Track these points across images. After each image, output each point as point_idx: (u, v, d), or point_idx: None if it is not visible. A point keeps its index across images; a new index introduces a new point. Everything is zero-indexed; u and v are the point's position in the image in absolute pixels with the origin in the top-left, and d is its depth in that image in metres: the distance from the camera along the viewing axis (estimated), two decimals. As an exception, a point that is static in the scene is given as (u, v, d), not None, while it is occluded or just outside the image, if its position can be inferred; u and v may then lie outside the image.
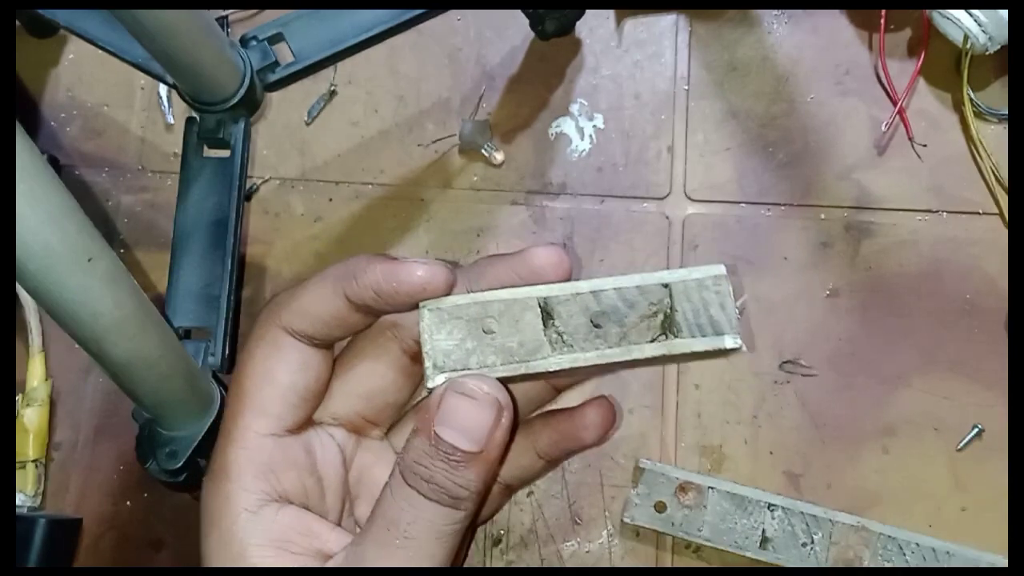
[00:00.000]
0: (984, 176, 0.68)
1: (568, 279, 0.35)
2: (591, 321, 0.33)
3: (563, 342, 0.32)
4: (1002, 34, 0.65)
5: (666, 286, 0.35)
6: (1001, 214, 0.68)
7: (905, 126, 0.70)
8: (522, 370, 0.32)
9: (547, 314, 0.33)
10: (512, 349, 0.31)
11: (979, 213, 0.68)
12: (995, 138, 0.69)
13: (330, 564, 0.29)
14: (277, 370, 0.32)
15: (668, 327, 0.34)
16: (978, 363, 0.65)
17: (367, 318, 0.32)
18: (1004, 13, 0.64)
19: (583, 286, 0.34)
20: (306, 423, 0.33)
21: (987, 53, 0.66)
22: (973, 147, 0.68)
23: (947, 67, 0.70)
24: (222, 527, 0.30)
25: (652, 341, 0.33)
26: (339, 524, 0.32)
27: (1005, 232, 0.67)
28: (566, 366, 0.33)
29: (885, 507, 0.63)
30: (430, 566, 0.29)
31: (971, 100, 0.68)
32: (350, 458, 0.34)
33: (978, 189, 0.69)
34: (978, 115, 0.69)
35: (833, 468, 0.64)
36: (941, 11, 0.66)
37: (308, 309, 0.32)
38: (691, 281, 0.36)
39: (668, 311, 0.34)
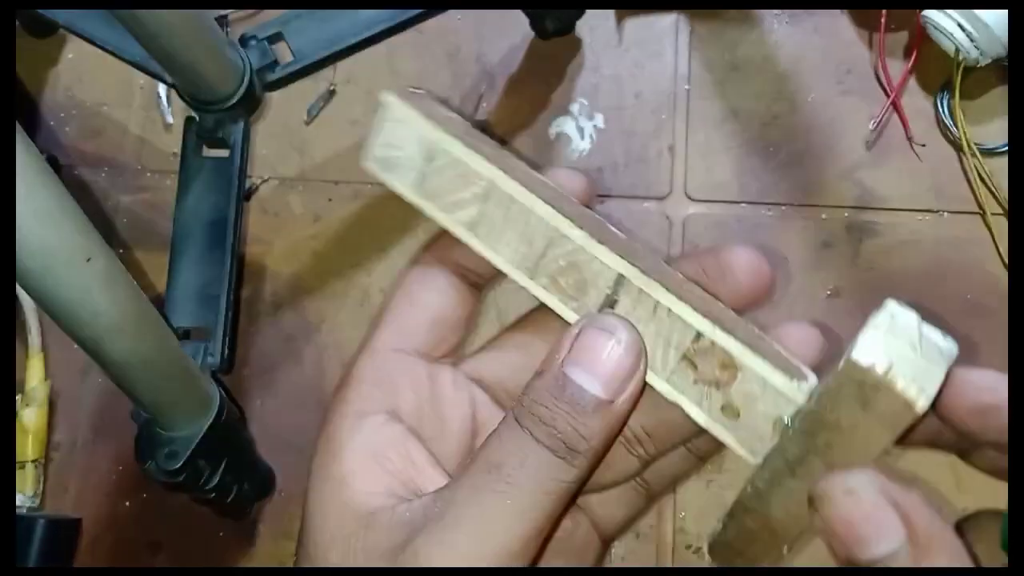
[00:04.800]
0: (983, 178, 0.68)
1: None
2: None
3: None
4: (994, 49, 0.65)
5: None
6: (1003, 214, 0.68)
7: (904, 126, 0.70)
8: None
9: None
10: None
11: (980, 213, 0.68)
12: (991, 142, 0.69)
13: (417, 504, 0.27)
14: (420, 292, 0.31)
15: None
16: (978, 363, 0.65)
17: None
18: (996, 28, 0.64)
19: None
20: (441, 355, 0.31)
21: (979, 66, 0.67)
22: (964, 152, 0.68)
23: (946, 68, 0.70)
24: (328, 429, 0.28)
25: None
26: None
27: (1005, 232, 0.67)
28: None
29: (886, 507, 0.63)
30: (525, 523, 0.26)
31: (963, 120, 0.69)
32: (481, 424, 0.32)
33: (978, 189, 0.68)
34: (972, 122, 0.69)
35: (834, 468, 0.64)
36: (934, 23, 0.66)
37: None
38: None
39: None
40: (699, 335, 0.26)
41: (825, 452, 0.24)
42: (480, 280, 0.31)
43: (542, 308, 0.30)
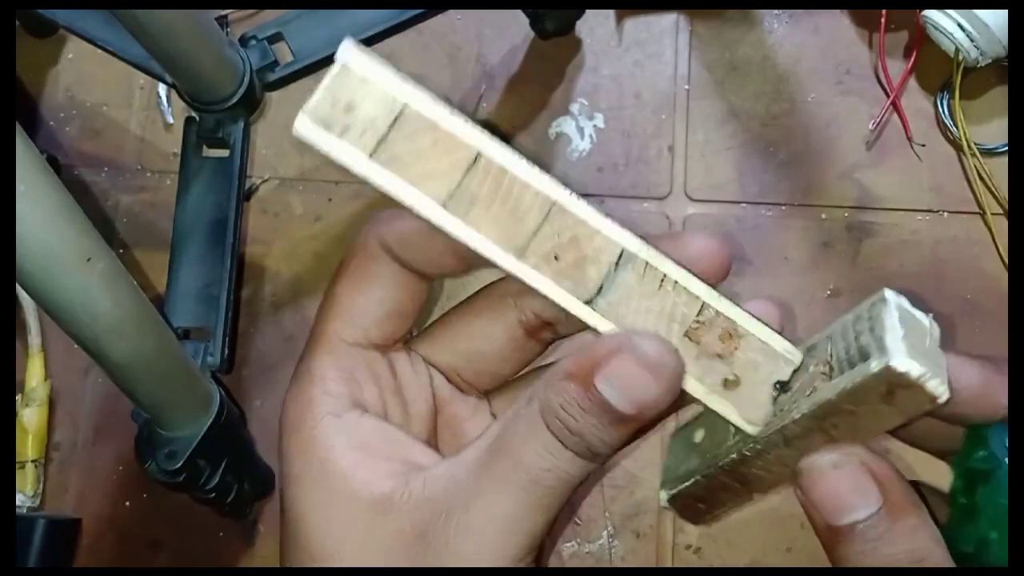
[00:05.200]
0: (983, 178, 0.68)
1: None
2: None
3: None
4: (994, 49, 0.65)
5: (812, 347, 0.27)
6: (1003, 214, 0.68)
7: (904, 126, 0.70)
8: None
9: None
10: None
11: (979, 213, 0.68)
12: (991, 143, 0.69)
13: (429, 474, 0.27)
14: (369, 284, 0.30)
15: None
16: (979, 363, 0.65)
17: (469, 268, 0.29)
18: (996, 28, 0.64)
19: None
20: (394, 342, 0.31)
21: (979, 66, 0.67)
22: (964, 152, 0.68)
23: (946, 68, 0.70)
24: (303, 431, 0.28)
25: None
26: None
27: (1005, 232, 0.67)
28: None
29: (886, 507, 0.63)
30: (548, 513, 0.27)
31: (962, 120, 0.68)
32: (442, 402, 0.32)
33: (978, 189, 0.68)
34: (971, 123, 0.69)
35: (833, 468, 0.64)
36: (934, 24, 0.66)
37: (414, 238, 0.29)
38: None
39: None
40: (703, 307, 0.26)
41: (830, 430, 0.25)
42: (431, 274, 0.30)
43: (487, 290, 0.30)
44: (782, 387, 0.27)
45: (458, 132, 0.25)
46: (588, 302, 0.26)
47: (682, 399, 0.27)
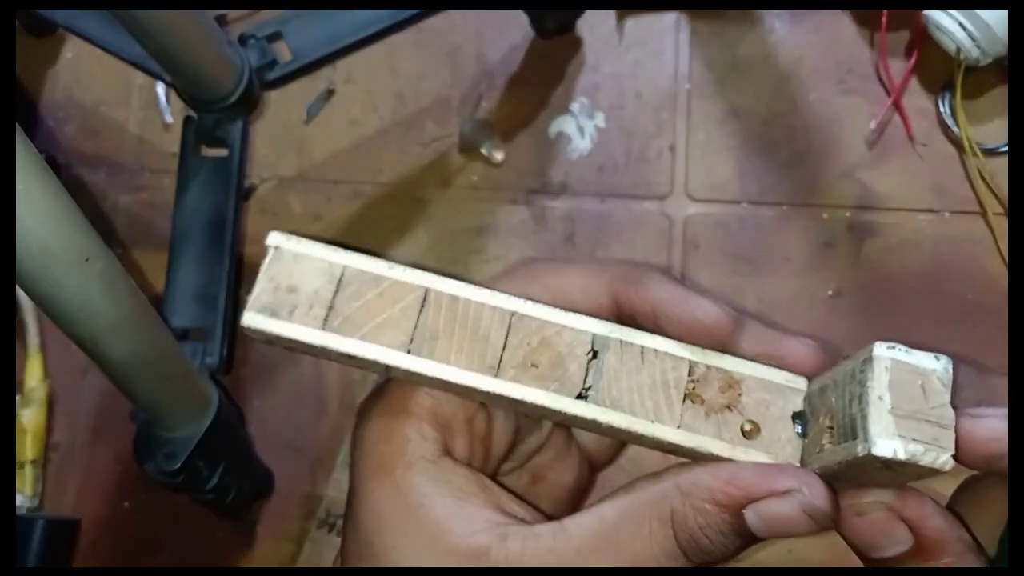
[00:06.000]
0: (985, 177, 0.68)
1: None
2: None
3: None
4: (995, 48, 0.65)
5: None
6: (1004, 214, 0.68)
7: (906, 126, 0.70)
8: None
9: None
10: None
11: (981, 213, 0.68)
12: (992, 142, 0.69)
13: (528, 533, 0.26)
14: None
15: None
16: (979, 362, 0.65)
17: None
18: (997, 28, 0.64)
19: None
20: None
21: (980, 65, 0.66)
22: (965, 152, 0.68)
23: (947, 68, 0.70)
24: (396, 474, 0.27)
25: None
26: None
27: (1006, 232, 0.67)
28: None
29: (887, 508, 0.63)
30: None
31: (964, 120, 0.68)
32: (523, 447, 0.31)
33: (979, 189, 0.68)
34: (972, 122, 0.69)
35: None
36: (935, 23, 0.66)
37: (563, 285, 0.28)
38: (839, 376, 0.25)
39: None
40: (692, 365, 0.26)
41: (851, 478, 0.25)
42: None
43: None
44: (799, 417, 0.26)
45: (400, 277, 0.25)
46: (580, 397, 0.25)
47: None
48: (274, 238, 0.25)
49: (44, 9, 0.64)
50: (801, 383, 0.26)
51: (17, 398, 0.65)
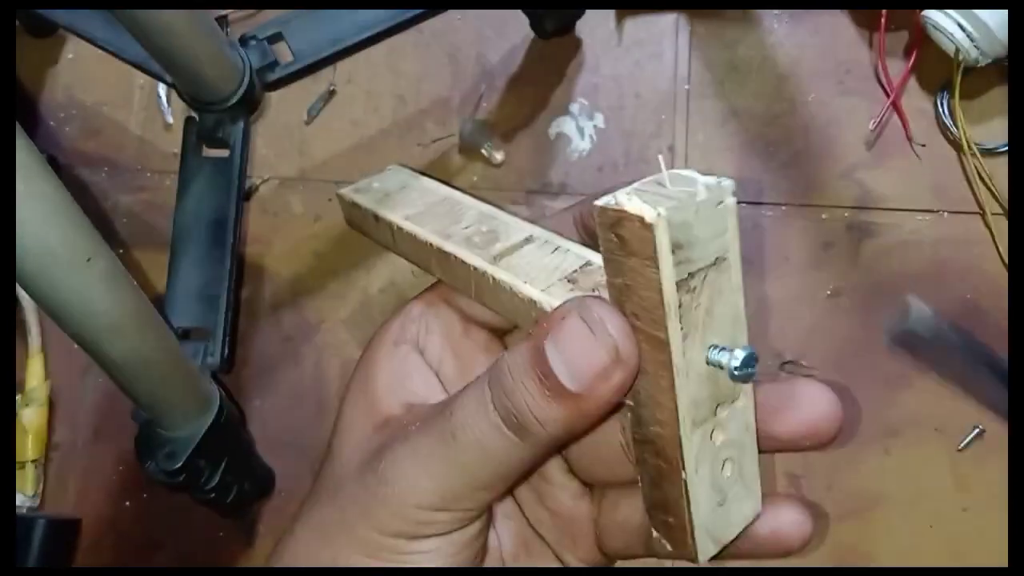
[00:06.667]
0: (983, 178, 0.68)
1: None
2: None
3: None
4: (994, 49, 0.65)
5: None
6: (1003, 214, 0.68)
7: (905, 126, 0.70)
8: None
9: None
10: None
11: (979, 213, 0.68)
12: (990, 143, 0.69)
13: (411, 413, 0.30)
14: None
15: None
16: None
17: None
18: (996, 28, 0.64)
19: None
20: (484, 324, 0.33)
21: (978, 66, 0.67)
22: (964, 152, 0.68)
23: (946, 69, 0.70)
24: (368, 351, 0.32)
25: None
26: None
27: (1005, 232, 0.67)
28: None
29: (886, 507, 0.63)
30: (464, 477, 0.26)
31: (963, 120, 0.68)
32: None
33: (978, 189, 0.68)
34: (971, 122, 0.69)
35: (834, 469, 0.64)
36: (934, 24, 0.66)
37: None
38: None
39: None
40: (589, 262, 0.29)
41: (638, 325, 0.25)
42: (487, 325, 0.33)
43: None
44: None
45: (440, 190, 0.35)
46: (491, 262, 0.30)
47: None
48: (394, 167, 0.37)
49: (44, 9, 0.64)
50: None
51: (18, 398, 0.65)
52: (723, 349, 0.25)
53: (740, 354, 0.25)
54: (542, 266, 0.29)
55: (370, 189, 0.35)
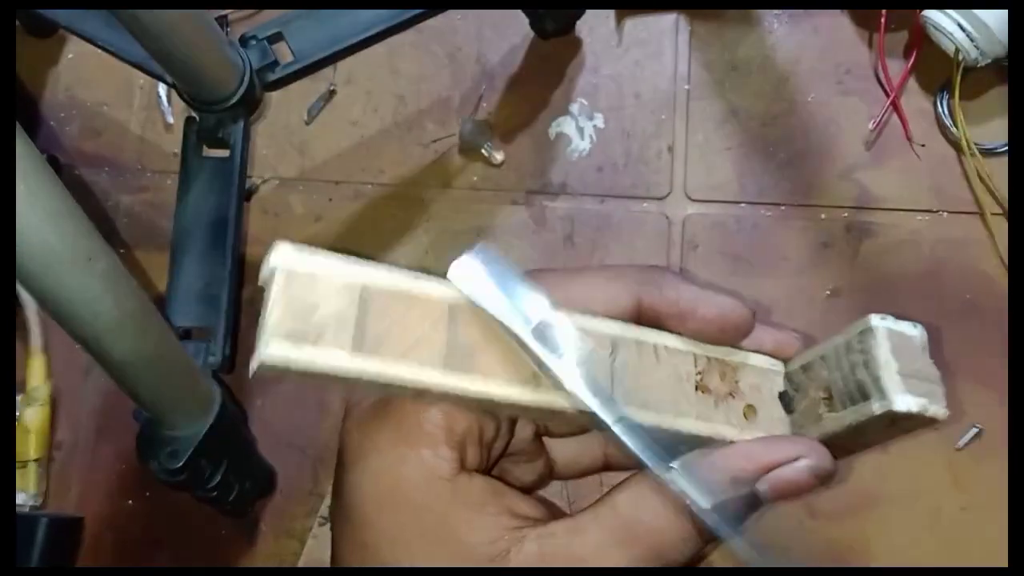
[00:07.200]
0: (983, 178, 0.68)
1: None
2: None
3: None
4: (994, 49, 0.65)
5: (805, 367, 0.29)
6: (1002, 214, 0.68)
7: (904, 126, 0.70)
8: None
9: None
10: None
11: (979, 213, 0.68)
12: (990, 143, 0.69)
13: (544, 532, 0.28)
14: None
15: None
16: (978, 363, 0.65)
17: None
18: (996, 29, 0.64)
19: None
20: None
21: (978, 66, 0.67)
22: (963, 152, 0.68)
23: (946, 69, 0.70)
24: (414, 497, 0.27)
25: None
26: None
27: (1005, 232, 0.67)
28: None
29: (885, 507, 0.63)
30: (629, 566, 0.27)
31: (962, 120, 0.69)
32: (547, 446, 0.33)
33: (977, 189, 0.68)
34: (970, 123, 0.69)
35: (833, 468, 0.64)
36: (934, 24, 0.66)
37: (586, 293, 0.29)
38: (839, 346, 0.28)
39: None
40: (696, 358, 0.28)
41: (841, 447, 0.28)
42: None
43: None
44: (783, 396, 0.30)
45: (428, 291, 0.23)
46: (611, 400, 0.25)
47: None
48: (282, 254, 0.22)
49: (45, 9, 0.64)
50: (779, 366, 0.30)
51: (20, 397, 0.65)
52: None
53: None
54: (664, 385, 0.28)
55: (319, 332, 0.22)
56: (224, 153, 0.62)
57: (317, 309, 0.21)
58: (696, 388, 0.28)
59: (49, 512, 0.64)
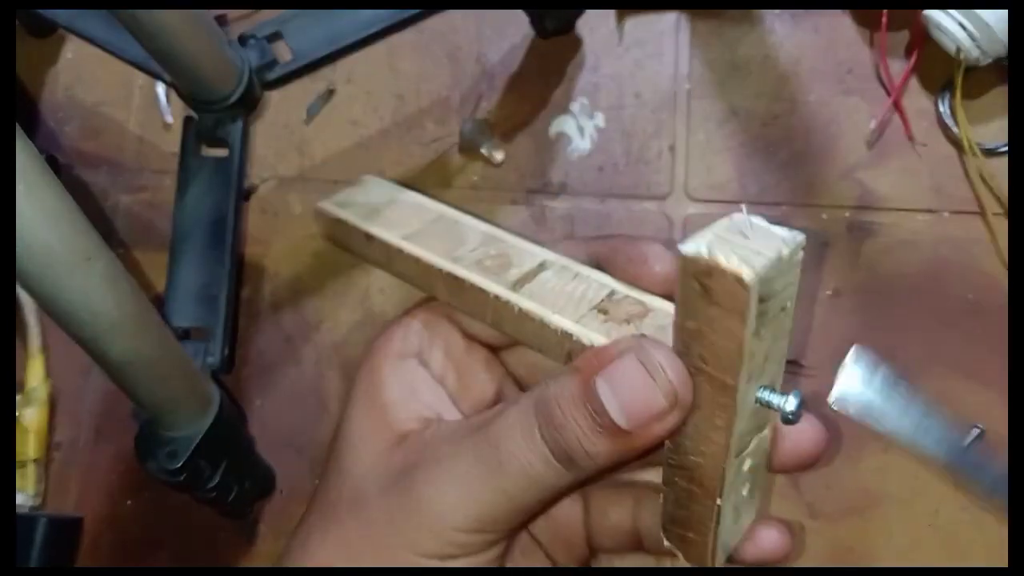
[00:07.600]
0: (984, 178, 0.68)
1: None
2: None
3: None
4: (995, 48, 0.65)
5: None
6: (1003, 214, 0.68)
7: (905, 126, 0.70)
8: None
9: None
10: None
11: (980, 213, 0.68)
12: (991, 142, 0.69)
13: (439, 425, 0.29)
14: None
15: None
16: (978, 363, 0.65)
17: None
18: (997, 28, 0.64)
19: None
20: (485, 343, 0.33)
21: (980, 65, 0.67)
22: (964, 152, 0.68)
23: (947, 68, 0.70)
24: (372, 363, 0.31)
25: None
26: None
27: (1006, 232, 0.67)
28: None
29: (885, 507, 0.63)
30: (507, 501, 0.27)
31: (964, 120, 0.68)
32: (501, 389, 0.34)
33: (979, 189, 0.68)
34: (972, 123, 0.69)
35: (833, 468, 0.64)
36: (935, 23, 0.66)
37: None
38: None
39: None
40: (614, 291, 0.29)
41: (704, 368, 0.25)
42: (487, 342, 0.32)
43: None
44: None
45: (430, 205, 0.33)
46: (510, 289, 0.29)
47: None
48: (365, 177, 0.34)
49: (44, 9, 0.64)
50: None
51: (19, 397, 0.65)
52: (772, 391, 0.25)
53: (794, 400, 0.25)
54: (566, 294, 0.28)
55: (353, 203, 0.33)
56: (223, 153, 0.62)
57: (364, 196, 0.33)
58: (595, 308, 0.28)
59: (48, 512, 0.64)
